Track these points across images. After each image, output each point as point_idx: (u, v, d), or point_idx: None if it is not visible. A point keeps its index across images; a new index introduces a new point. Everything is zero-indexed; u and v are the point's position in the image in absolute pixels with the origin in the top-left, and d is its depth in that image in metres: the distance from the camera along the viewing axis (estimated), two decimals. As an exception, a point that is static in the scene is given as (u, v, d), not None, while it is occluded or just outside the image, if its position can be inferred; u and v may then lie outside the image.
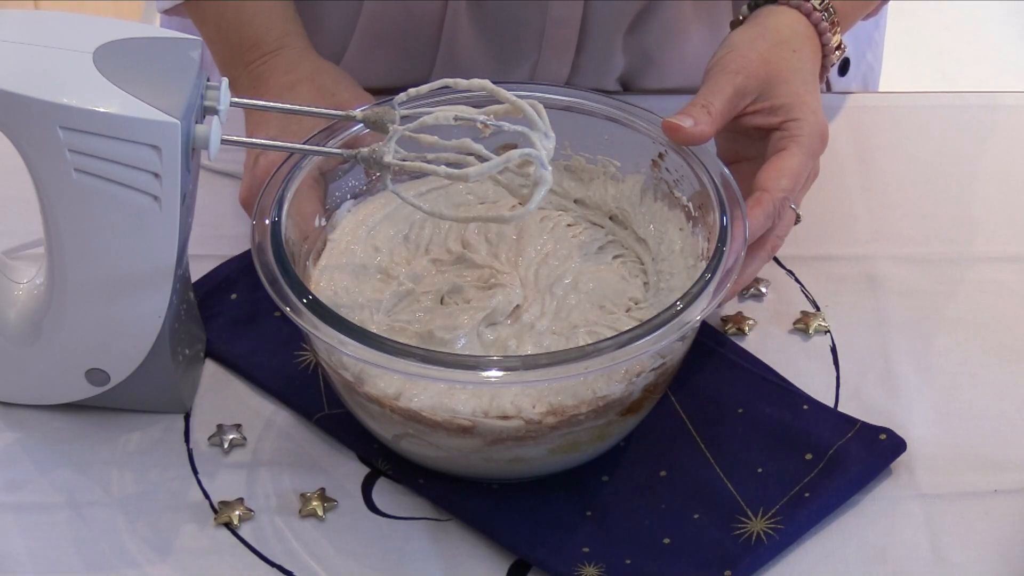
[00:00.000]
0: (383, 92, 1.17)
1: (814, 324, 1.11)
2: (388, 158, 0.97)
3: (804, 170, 1.06)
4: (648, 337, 0.92)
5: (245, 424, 1.04)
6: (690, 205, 1.04)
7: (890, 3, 1.29)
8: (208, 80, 0.96)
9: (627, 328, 0.94)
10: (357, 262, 1.05)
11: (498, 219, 1.00)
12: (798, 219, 1.07)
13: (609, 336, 0.93)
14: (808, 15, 1.12)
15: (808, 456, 1.00)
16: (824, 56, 1.13)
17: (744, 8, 1.14)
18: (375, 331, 0.95)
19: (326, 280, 1.03)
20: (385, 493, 1.00)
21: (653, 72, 1.31)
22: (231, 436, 1.03)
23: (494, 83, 0.98)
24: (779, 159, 1.06)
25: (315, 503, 0.99)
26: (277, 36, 1.18)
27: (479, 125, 0.97)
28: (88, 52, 0.92)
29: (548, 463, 0.98)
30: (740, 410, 1.04)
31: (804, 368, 1.08)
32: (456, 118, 0.96)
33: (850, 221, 1.18)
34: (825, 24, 1.12)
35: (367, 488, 1.01)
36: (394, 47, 1.29)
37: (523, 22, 1.26)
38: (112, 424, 1.04)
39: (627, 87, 1.32)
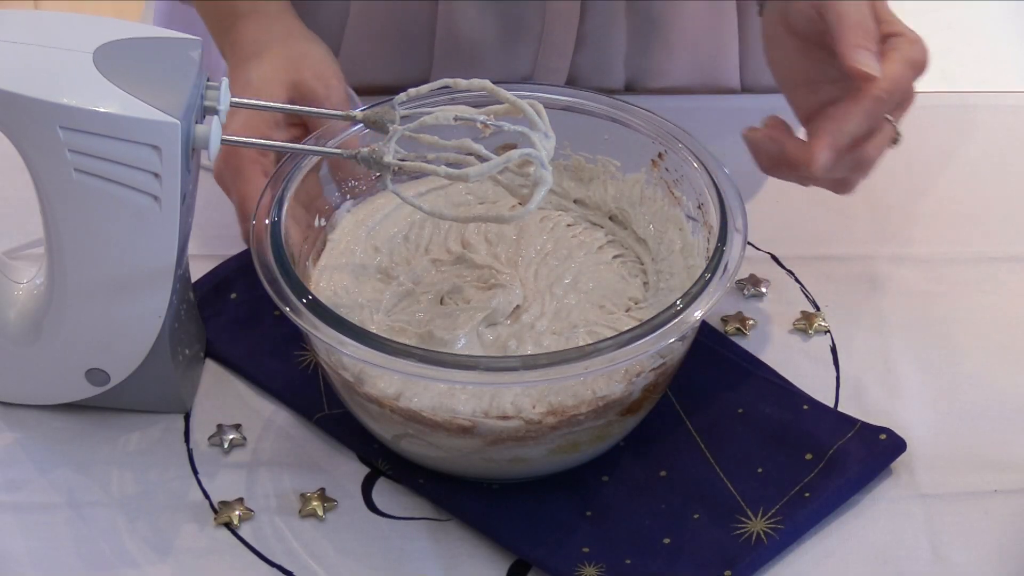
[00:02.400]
0: (383, 90, 1.17)
1: (814, 324, 1.11)
2: (388, 158, 0.97)
3: (862, 17, 1.01)
4: (648, 337, 0.92)
5: (245, 424, 1.04)
6: (690, 205, 1.04)
7: (890, 3, 1.28)
8: (208, 80, 0.96)
9: (627, 328, 0.94)
10: (357, 262, 1.05)
11: (498, 219, 1.00)
12: (896, 139, 1.03)
13: (609, 336, 0.93)
14: None
15: (808, 456, 1.00)
16: None
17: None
18: (375, 331, 0.95)
19: (326, 280, 1.03)
20: (385, 493, 1.00)
21: (660, 43, 1.29)
22: (231, 436, 1.03)
23: (494, 83, 0.98)
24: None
25: (315, 503, 0.99)
26: None
27: (479, 125, 0.97)
28: (88, 52, 0.92)
29: (548, 463, 0.98)
30: (740, 410, 1.04)
31: (804, 368, 1.08)
32: (456, 118, 0.96)
33: (850, 221, 1.18)
34: None
35: (367, 488, 1.01)
36: (389, 37, 1.28)
37: None
38: (112, 424, 1.04)
39: (632, 80, 1.31)
